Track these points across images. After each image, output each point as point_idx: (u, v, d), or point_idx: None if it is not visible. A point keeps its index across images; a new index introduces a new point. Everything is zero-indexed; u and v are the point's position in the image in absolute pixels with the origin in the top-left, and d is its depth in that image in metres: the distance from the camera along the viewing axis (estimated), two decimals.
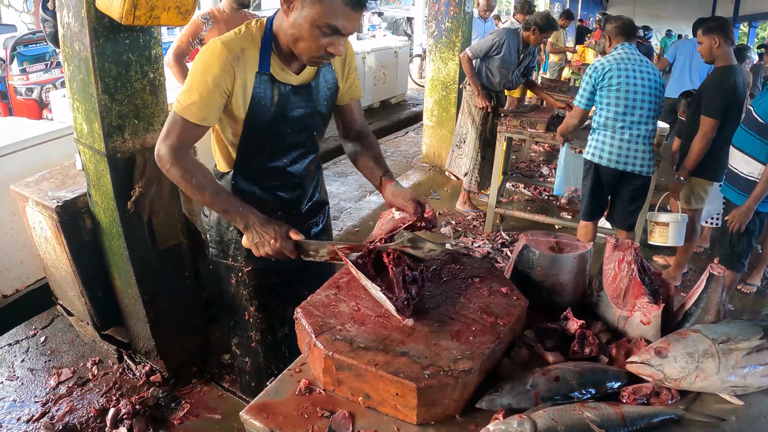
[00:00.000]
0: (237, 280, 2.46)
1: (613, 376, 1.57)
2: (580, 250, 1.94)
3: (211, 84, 1.93)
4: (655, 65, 4.43)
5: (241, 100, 2.01)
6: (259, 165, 2.23)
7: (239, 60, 1.95)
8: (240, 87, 1.99)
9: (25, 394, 3.41)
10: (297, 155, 2.28)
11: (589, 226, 4.54)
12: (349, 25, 1.85)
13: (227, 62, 1.93)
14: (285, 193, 2.34)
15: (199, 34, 4.49)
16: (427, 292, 1.80)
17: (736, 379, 1.51)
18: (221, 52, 1.93)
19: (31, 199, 3.34)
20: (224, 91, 1.96)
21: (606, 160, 4.18)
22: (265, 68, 2.01)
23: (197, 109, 1.94)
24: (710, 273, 1.72)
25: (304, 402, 1.53)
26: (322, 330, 1.60)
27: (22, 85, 9.42)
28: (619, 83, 4.05)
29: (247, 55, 1.98)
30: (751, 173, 3.75)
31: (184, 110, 1.95)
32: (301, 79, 2.11)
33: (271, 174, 2.27)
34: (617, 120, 4.10)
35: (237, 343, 2.69)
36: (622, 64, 4.08)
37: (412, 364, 1.46)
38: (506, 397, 1.46)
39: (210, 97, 1.94)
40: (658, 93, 4.12)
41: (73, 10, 2.73)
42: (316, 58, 1.93)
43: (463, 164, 6.03)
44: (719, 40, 4.12)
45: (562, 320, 1.76)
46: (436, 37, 7.25)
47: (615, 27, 4.29)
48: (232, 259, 2.42)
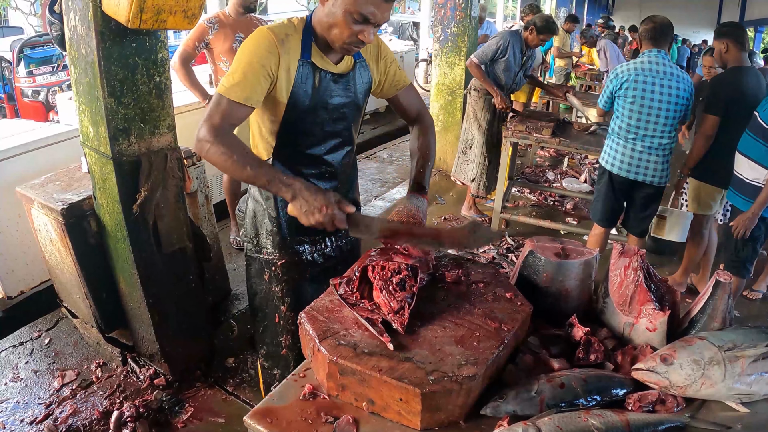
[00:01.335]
0: (270, 276, 2.44)
1: (619, 383, 1.56)
2: (586, 256, 1.93)
3: (256, 65, 1.99)
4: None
5: (284, 84, 2.08)
6: (298, 151, 2.26)
7: (284, 44, 2.04)
8: (284, 71, 2.06)
9: (28, 395, 3.41)
10: (334, 144, 2.31)
11: (602, 233, 4.50)
12: (378, 14, 1.93)
13: (273, 45, 2.02)
14: (320, 183, 2.33)
15: (205, 38, 4.50)
16: (430, 298, 1.79)
17: (742, 387, 1.49)
18: (268, 35, 2.03)
19: (37, 201, 3.34)
20: (269, 74, 2.03)
21: (617, 168, 4.15)
22: (306, 56, 2.10)
23: (241, 88, 1.98)
24: (717, 280, 1.71)
25: (308, 407, 1.53)
26: (325, 335, 1.59)
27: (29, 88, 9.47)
28: (634, 96, 3.96)
29: (291, 41, 2.07)
30: (757, 179, 3.74)
31: (229, 90, 1.98)
32: (340, 69, 2.20)
33: (309, 161, 2.29)
34: (629, 131, 4.05)
35: (265, 354, 2.61)
36: (641, 75, 3.94)
37: (416, 370, 1.46)
38: (511, 404, 1.45)
39: (255, 78, 2.00)
40: (680, 108, 3.97)
41: (79, 13, 2.74)
42: (347, 44, 2.00)
43: (469, 170, 6.01)
44: (728, 45, 4.11)
45: (568, 327, 1.75)
46: (442, 41, 7.25)
47: (644, 30, 4.07)
48: (267, 253, 2.42)
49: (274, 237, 2.38)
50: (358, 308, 1.70)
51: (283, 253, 2.40)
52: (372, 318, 1.65)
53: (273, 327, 2.51)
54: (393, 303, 1.68)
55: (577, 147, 5.41)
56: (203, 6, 2.81)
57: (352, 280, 1.81)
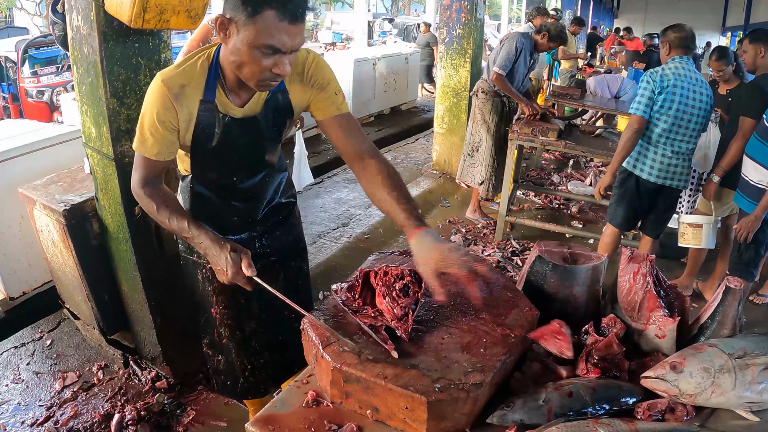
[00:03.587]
0: (203, 277, 2.42)
1: (628, 391, 1.53)
2: (594, 261, 1.90)
3: (157, 122, 1.94)
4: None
5: (186, 130, 2.01)
6: (210, 181, 2.24)
7: (178, 97, 1.93)
8: (184, 121, 1.98)
9: (29, 397, 3.40)
10: (245, 174, 2.24)
11: (616, 235, 4.43)
12: (288, 41, 1.73)
13: (167, 100, 1.92)
14: (239, 203, 2.31)
15: (209, 39, 4.48)
16: (435, 304, 1.76)
17: (753, 395, 1.46)
18: (160, 90, 1.92)
19: (39, 202, 3.33)
20: (171, 127, 1.98)
21: (647, 173, 4.10)
22: (209, 97, 1.97)
23: (149, 146, 1.99)
24: (726, 286, 1.68)
25: (311, 414, 1.50)
26: (329, 341, 1.57)
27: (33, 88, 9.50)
28: (673, 100, 3.90)
29: (187, 91, 1.95)
30: (761, 181, 3.72)
31: (139, 148, 2.01)
32: (245, 112, 2.04)
33: (223, 189, 2.26)
34: (662, 135, 3.99)
35: (208, 343, 2.61)
36: (679, 80, 3.91)
37: (421, 377, 1.43)
38: (518, 413, 1.43)
39: (159, 134, 1.97)
40: (706, 114, 4.00)
41: (82, 13, 2.73)
42: (262, 81, 1.84)
43: (477, 173, 5.98)
44: (764, 50, 4.10)
45: (583, 334, 1.72)
46: (447, 43, 7.22)
47: (677, 37, 4.03)
48: (197, 256, 2.37)
49: None
50: (361, 315, 1.67)
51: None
52: (375, 325, 1.61)
53: (212, 320, 2.51)
54: (396, 309, 1.64)
55: (583, 150, 5.38)
56: (207, 6, 2.79)
57: (354, 286, 1.78)
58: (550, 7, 17.15)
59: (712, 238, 4.39)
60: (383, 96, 11.07)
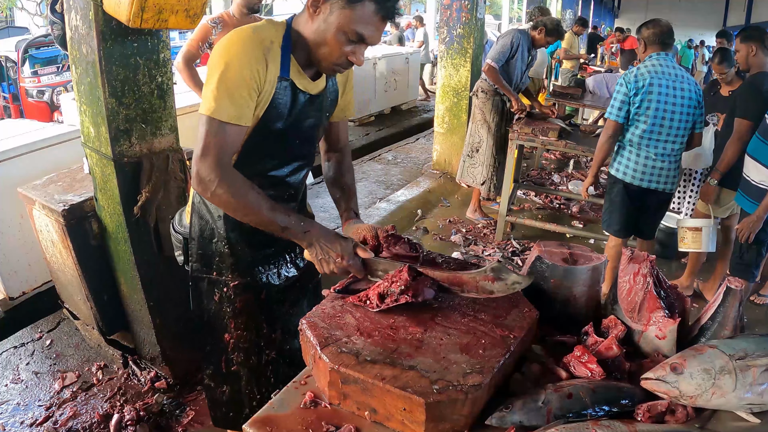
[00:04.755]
0: (221, 296, 2.22)
1: (628, 393, 1.52)
2: (594, 261, 1.89)
3: (246, 75, 1.75)
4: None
5: (264, 100, 1.85)
6: (260, 172, 2.04)
7: (270, 53, 1.80)
8: (269, 83, 1.83)
9: (29, 397, 3.40)
10: (297, 166, 2.15)
11: (620, 244, 4.32)
12: (375, 34, 1.80)
13: (259, 51, 1.78)
14: (282, 204, 2.16)
15: (209, 39, 4.48)
16: (435, 303, 1.75)
17: (753, 397, 1.45)
18: (252, 38, 1.78)
19: (38, 202, 3.33)
20: (256, 86, 1.79)
21: (630, 177, 4.04)
22: (285, 73, 1.86)
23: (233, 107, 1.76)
24: (727, 287, 1.67)
25: (309, 416, 1.49)
26: (327, 342, 1.56)
27: (34, 88, 9.51)
28: (650, 100, 3.82)
29: (273, 53, 1.82)
30: (762, 181, 3.70)
31: (215, 111, 1.74)
32: (319, 88, 2.00)
33: (269, 183, 2.07)
34: (643, 137, 3.92)
35: (211, 374, 2.39)
36: (656, 79, 3.82)
37: (420, 379, 1.42)
38: (517, 414, 1.42)
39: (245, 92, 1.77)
40: (691, 110, 3.89)
41: (80, 12, 2.73)
42: (335, 65, 1.85)
43: (478, 173, 5.96)
44: (756, 48, 4.08)
45: (583, 335, 1.71)
46: (447, 43, 7.22)
47: (652, 33, 3.94)
48: (217, 273, 2.20)
49: (226, 258, 2.16)
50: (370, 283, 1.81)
51: (236, 275, 2.19)
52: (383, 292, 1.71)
53: (221, 346, 2.30)
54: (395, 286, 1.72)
55: (584, 150, 5.37)
56: (206, 5, 2.78)
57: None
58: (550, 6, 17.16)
59: (713, 241, 4.35)
60: (384, 96, 11.06)
